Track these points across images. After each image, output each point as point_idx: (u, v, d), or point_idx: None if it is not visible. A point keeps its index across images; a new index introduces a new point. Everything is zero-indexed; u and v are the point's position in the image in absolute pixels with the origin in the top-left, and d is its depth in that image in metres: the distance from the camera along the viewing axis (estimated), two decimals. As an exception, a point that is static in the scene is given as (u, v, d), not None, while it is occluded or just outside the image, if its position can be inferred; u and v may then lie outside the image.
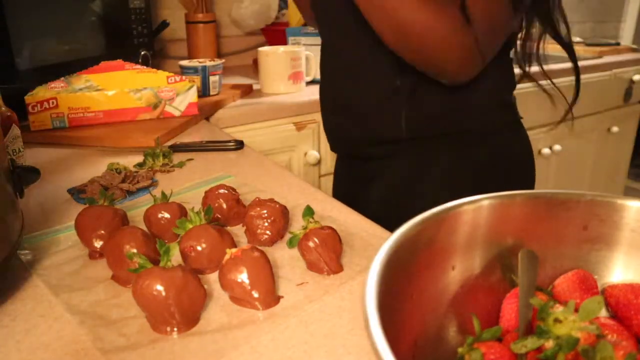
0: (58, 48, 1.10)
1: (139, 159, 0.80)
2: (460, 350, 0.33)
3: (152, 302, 0.40)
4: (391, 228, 0.35)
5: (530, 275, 0.36)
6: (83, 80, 0.97)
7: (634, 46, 2.26)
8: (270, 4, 1.67)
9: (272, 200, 0.56)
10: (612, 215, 0.38)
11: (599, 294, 0.38)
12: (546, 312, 0.32)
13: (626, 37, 2.74)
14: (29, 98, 0.92)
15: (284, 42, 1.49)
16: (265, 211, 0.54)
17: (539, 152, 1.84)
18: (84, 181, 0.70)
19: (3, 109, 0.72)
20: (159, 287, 0.40)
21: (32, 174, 0.54)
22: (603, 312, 0.37)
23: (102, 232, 0.52)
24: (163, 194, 0.57)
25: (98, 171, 0.73)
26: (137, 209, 0.62)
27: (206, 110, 1.11)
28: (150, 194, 0.58)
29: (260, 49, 1.35)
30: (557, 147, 1.88)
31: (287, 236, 0.53)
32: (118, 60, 1.01)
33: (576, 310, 0.33)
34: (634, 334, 0.35)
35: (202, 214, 0.51)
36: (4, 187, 0.46)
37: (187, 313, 0.41)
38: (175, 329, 0.41)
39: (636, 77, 2.07)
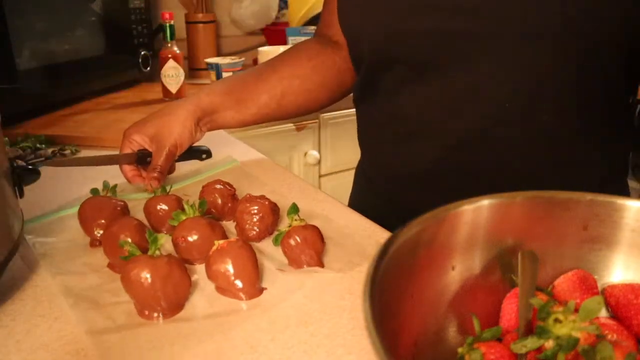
0: (58, 48, 1.10)
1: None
2: (460, 350, 0.33)
3: (138, 288, 0.42)
4: (391, 228, 0.35)
5: (530, 275, 0.36)
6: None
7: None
8: (270, 4, 1.67)
9: (262, 197, 0.56)
10: (612, 215, 0.38)
11: (599, 294, 0.38)
12: (546, 312, 0.32)
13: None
14: None
15: (284, 42, 1.49)
16: (254, 208, 0.55)
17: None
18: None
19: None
20: (145, 275, 0.42)
21: (32, 174, 0.54)
22: (603, 312, 0.37)
23: (103, 221, 0.54)
24: (163, 187, 0.60)
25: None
26: (139, 199, 0.64)
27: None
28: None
29: (260, 49, 1.35)
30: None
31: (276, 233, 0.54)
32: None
33: (576, 310, 0.33)
34: (634, 334, 0.35)
35: (197, 206, 0.52)
36: (4, 187, 0.46)
37: (171, 300, 0.43)
38: (161, 315, 0.43)
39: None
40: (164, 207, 0.56)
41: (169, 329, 0.42)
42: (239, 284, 0.45)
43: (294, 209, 0.52)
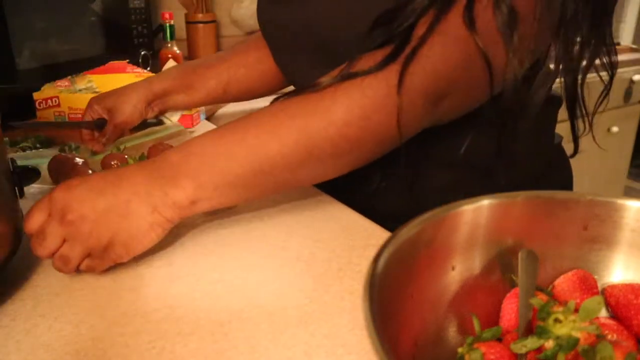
0: (58, 48, 1.10)
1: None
2: (460, 350, 0.33)
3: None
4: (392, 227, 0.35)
5: (530, 275, 0.36)
6: (86, 80, 0.97)
7: (634, 46, 2.26)
8: (270, 4, 1.67)
9: None
10: (612, 215, 0.38)
11: (599, 294, 0.38)
12: (546, 312, 0.32)
13: (626, 37, 2.74)
14: (36, 94, 0.95)
15: (284, 42, 1.48)
16: None
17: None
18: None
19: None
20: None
21: (32, 174, 0.54)
22: (603, 312, 0.37)
23: (67, 173, 0.65)
24: (117, 146, 0.77)
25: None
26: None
27: (207, 109, 1.11)
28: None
29: (260, 49, 1.35)
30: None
31: None
32: (123, 61, 0.99)
33: (576, 310, 0.33)
34: (634, 334, 0.35)
35: (137, 159, 0.68)
36: (4, 187, 0.46)
37: None
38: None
39: (636, 77, 2.06)
40: (117, 162, 0.70)
41: (169, 328, 0.42)
42: None
43: None
